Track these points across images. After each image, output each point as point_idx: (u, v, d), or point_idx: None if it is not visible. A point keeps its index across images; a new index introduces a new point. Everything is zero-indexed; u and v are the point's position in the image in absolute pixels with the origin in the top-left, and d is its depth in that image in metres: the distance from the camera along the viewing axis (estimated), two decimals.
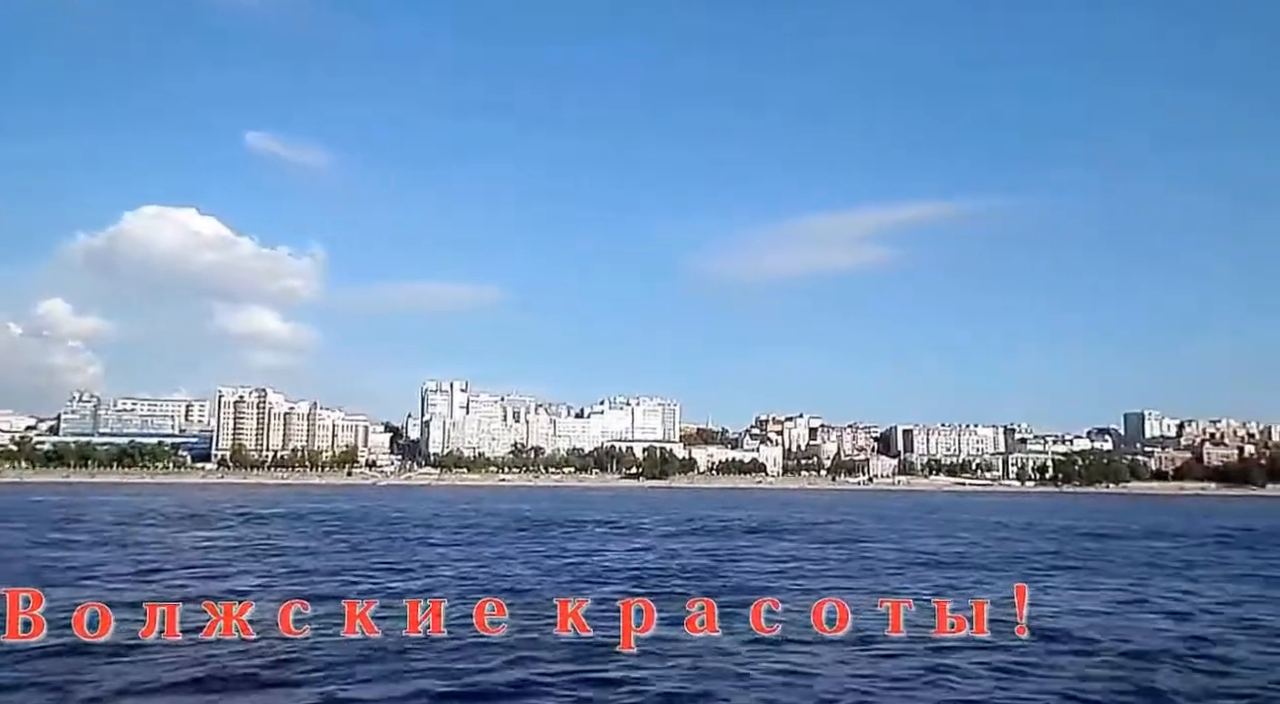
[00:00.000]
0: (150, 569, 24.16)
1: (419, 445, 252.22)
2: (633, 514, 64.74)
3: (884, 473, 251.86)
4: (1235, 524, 61.95)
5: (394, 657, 12.87)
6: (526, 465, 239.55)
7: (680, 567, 26.82)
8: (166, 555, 28.99)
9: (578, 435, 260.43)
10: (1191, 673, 12.83)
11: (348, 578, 22.71)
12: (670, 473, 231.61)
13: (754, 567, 27.21)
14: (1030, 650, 14.08)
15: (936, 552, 34.34)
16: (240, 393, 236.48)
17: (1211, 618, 18.31)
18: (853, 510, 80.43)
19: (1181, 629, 16.67)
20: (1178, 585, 23.84)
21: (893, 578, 24.48)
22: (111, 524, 45.30)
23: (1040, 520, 64.85)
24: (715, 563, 28.22)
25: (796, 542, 39.10)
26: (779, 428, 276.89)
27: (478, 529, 45.12)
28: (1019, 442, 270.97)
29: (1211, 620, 17.94)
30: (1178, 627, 17.02)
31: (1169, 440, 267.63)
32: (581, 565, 26.83)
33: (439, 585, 21.26)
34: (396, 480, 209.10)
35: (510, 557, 29.58)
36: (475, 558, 28.97)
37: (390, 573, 23.96)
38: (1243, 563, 31.92)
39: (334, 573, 23.89)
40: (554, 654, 13.18)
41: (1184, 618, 18.19)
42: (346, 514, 58.89)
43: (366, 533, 40.99)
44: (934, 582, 23.51)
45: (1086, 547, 39.07)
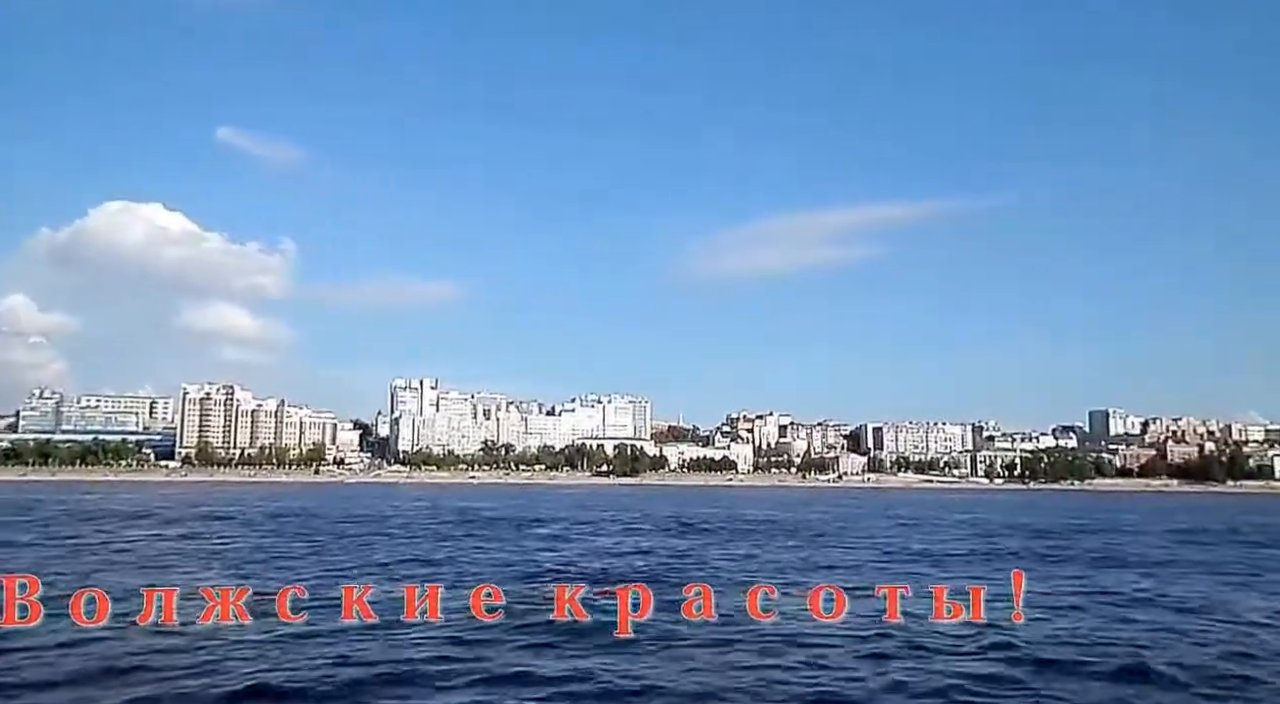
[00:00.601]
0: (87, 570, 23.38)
1: (388, 443, 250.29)
2: (594, 512, 64.78)
3: (853, 470, 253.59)
4: (1188, 524, 62.50)
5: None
6: (497, 463, 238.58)
7: (630, 564, 26.73)
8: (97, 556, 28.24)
9: (549, 433, 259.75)
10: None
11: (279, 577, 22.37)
12: (641, 470, 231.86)
13: (706, 567, 26.94)
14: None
15: (896, 549, 34.46)
16: (206, 390, 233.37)
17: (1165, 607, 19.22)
18: (818, 507, 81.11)
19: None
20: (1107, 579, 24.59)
21: (848, 574, 24.65)
22: (54, 522, 44.54)
23: (998, 517, 65.85)
24: (669, 562, 28.02)
25: (754, 540, 39.04)
26: (750, 426, 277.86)
27: (430, 527, 44.79)
28: (986, 439, 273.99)
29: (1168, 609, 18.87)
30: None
31: (1133, 438, 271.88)
32: (521, 564, 26.56)
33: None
34: (365, 478, 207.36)
35: (448, 556, 29.07)
36: (415, 557, 28.61)
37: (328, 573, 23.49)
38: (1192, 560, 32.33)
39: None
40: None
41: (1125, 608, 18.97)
42: (305, 512, 58.29)
43: (321, 531, 40.51)
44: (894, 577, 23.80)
45: (1037, 542, 39.66)
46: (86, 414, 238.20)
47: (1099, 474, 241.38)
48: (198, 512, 56.34)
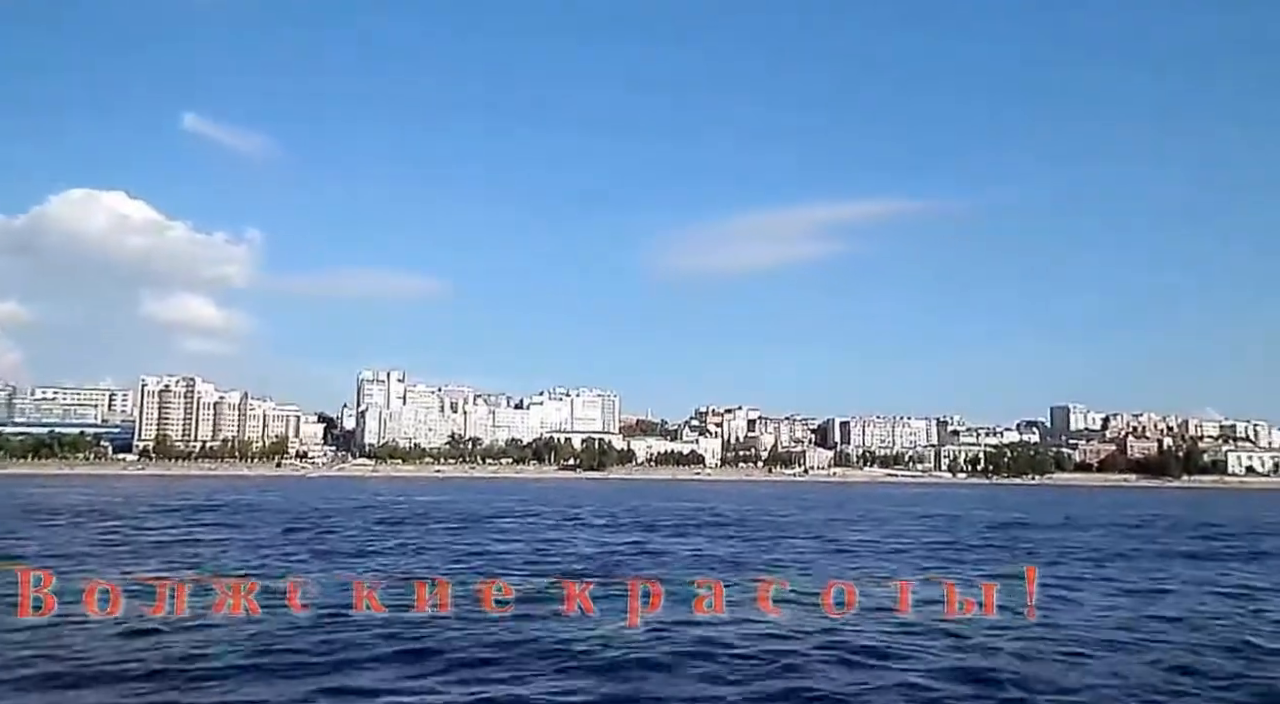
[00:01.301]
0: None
1: (354, 436, 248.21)
2: (554, 505, 64.82)
3: (820, 464, 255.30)
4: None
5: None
6: (463, 456, 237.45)
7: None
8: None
9: (516, 426, 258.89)
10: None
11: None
12: (608, 464, 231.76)
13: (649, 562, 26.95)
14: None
15: (848, 545, 34.57)
16: (166, 382, 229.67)
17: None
18: (779, 501, 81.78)
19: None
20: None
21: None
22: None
23: (957, 511, 66.66)
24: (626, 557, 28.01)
25: (706, 536, 39.12)
26: (718, 420, 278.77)
27: (378, 521, 44.37)
28: (951, 434, 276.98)
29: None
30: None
31: (1094, 433, 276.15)
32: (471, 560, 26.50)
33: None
34: (329, 472, 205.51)
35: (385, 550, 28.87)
36: (349, 553, 28.32)
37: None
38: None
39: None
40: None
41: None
42: (256, 506, 57.56)
43: (269, 526, 40.01)
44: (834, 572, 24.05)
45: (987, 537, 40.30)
46: (42, 406, 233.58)
47: (1059, 469, 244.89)
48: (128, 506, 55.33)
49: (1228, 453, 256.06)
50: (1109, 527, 49.18)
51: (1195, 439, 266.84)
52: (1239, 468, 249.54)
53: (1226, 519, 59.41)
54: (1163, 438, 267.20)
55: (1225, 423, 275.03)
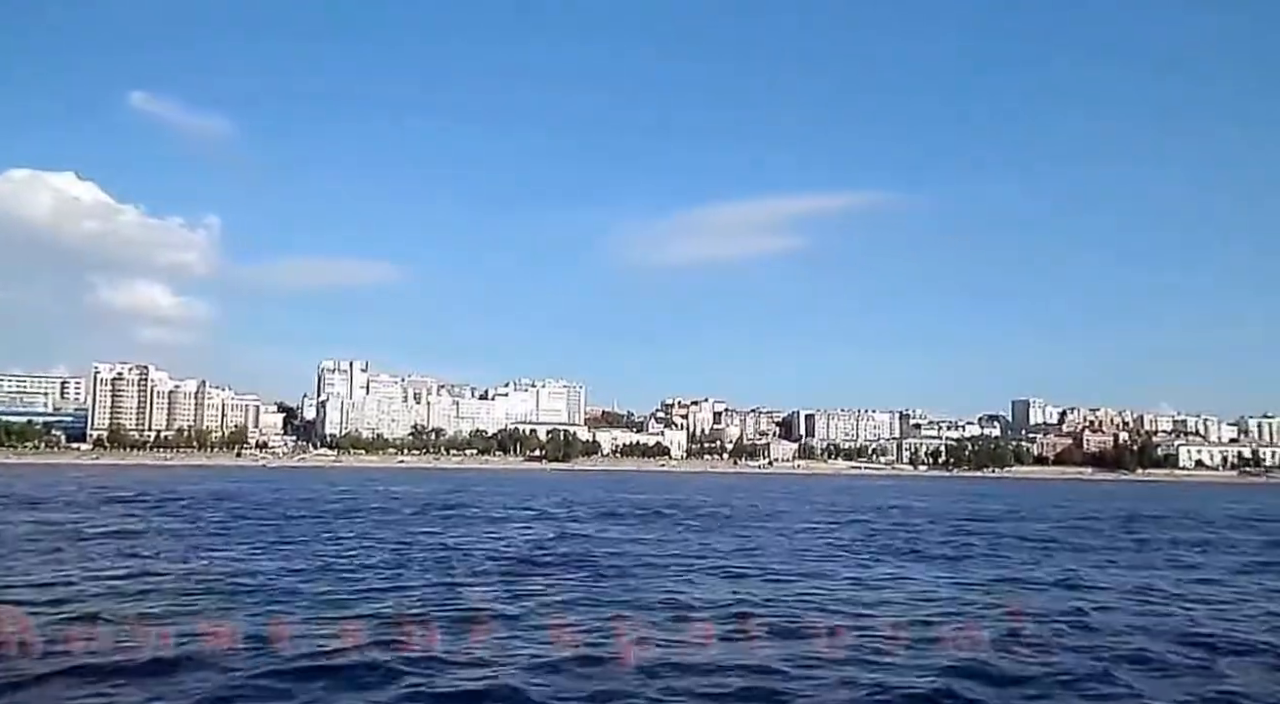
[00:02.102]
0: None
1: (315, 426, 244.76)
2: (509, 496, 64.02)
3: (785, 457, 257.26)
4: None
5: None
6: (427, 447, 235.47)
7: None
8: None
9: (481, 417, 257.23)
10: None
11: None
12: (573, 455, 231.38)
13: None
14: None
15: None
16: (119, 369, 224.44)
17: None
18: (741, 492, 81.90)
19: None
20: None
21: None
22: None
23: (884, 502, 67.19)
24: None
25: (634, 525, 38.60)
26: (684, 412, 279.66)
27: (323, 513, 42.99)
28: (914, 427, 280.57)
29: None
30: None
31: (1052, 427, 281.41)
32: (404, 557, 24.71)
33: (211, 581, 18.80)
34: (289, 462, 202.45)
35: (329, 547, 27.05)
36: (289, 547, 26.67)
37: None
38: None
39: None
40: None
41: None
42: (208, 496, 55.90)
43: (214, 517, 38.40)
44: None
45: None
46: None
47: (1018, 462, 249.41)
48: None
49: (1179, 447, 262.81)
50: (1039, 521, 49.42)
51: (1149, 433, 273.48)
52: (1189, 461, 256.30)
53: (1169, 512, 60.56)
54: (1118, 432, 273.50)
55: (1178, 418, 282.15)
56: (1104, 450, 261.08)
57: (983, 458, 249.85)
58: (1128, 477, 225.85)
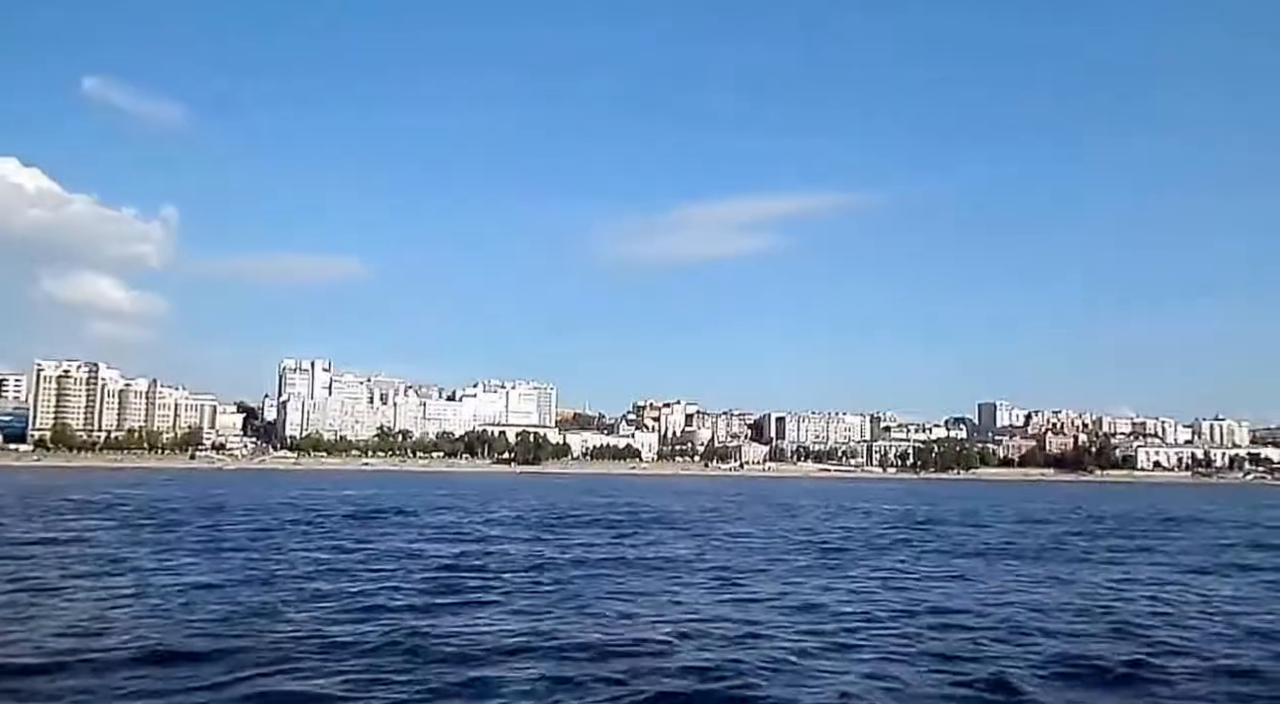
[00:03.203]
0: None
1: (275, 428, 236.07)
2: (467, 500, 59.88)
3: (756, 459, 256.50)
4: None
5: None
6: (393, 449, 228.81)
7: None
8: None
9: (448, 419, 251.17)
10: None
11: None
12: (543, 458, 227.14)
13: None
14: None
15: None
16: (65, 367, 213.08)
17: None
18: (705, 496, 78.93)
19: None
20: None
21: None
22: None
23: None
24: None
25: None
26: (656, 414, 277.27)
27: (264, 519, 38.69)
28: (883, 430, 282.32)
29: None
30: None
31: (1017, 429, 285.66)
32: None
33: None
34: (248, 464, 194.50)
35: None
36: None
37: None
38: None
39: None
40: None
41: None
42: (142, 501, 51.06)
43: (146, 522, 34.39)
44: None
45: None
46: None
47: (984, 464, 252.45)
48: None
49: (1138, 448, 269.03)
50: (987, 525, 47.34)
51: (1109, 435, 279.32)
52: (1147, 463, 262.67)
53: (1113, 512, 59.87)
54: (1079, 434, 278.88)
55: (1136, 420, 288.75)
56: (1065, 452, 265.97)
57: (949, 460, 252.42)
58: (1087, 478, 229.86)
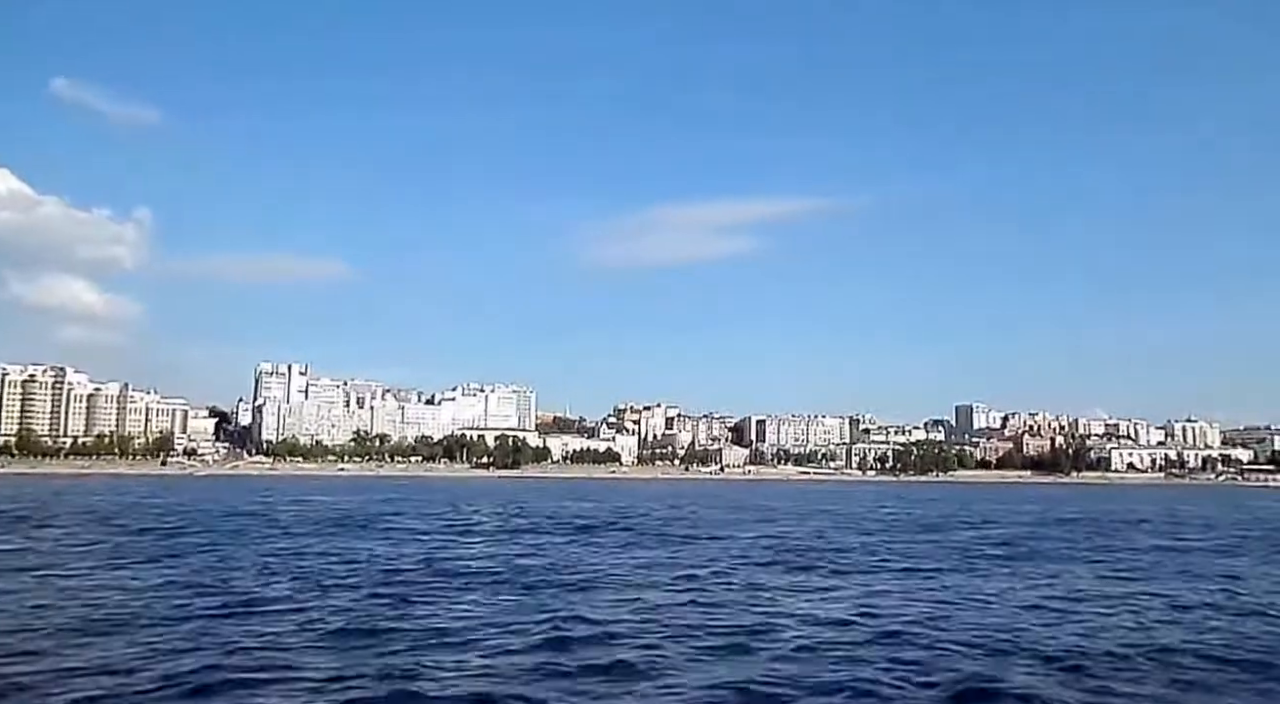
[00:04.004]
0: None
1: (250, 433, 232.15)
2: (436, 506, 58.19)
3: (736, 462, 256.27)
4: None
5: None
6: (370, 454, 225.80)
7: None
8: None
9: (427, 423, 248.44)
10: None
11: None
12: (523, 462, 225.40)
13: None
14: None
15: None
16: (31, 371, 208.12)
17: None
18: (680, 500, 77.93)
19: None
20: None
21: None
22: None
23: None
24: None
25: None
26: (636, 417, 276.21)
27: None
28: (863, 432, 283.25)
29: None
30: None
31: (994, 431, 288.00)
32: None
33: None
34: (221, 470, 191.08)
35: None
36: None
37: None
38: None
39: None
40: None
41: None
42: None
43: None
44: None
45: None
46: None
47: (962, 466, 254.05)
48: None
49: (1112, 450, 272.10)
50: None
51: (1084, 437, 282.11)
52: (1121, 464, 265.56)
53: (1079, 513, 60.24)
54: (1055, 436, 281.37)
55: (1110, 422, 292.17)
56: (1041, 454, 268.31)
57: (928, 462, 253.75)
58: (1063, 479, 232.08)
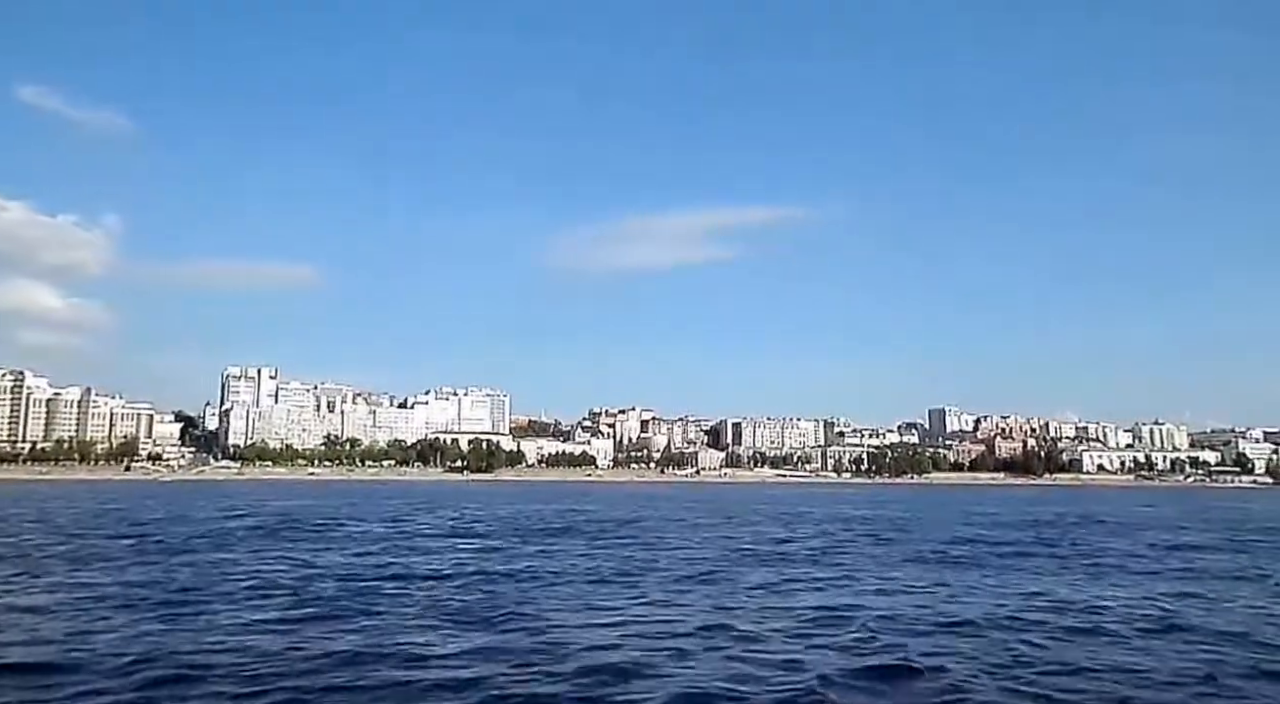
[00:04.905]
0: None
1: (217, 437, 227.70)
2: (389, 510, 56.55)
3: (712, 465, 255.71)
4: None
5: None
6: (340, 458, 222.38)
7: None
8: None
9: (400, 427, 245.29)
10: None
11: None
12: (497, 465, 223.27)
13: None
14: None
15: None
16: None
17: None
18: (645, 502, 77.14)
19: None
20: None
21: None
22: None
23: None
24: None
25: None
26: (611, 421, 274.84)
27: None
28: (838, 435, 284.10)
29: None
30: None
31: (967, 434, 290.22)
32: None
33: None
34: (187, 475, 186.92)
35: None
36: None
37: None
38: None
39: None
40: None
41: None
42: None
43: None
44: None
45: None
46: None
47: (935, 468, 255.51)
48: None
49: (1083, 452, 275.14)
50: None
51: (1055, 440, 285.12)
52: (1092, 466, 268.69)
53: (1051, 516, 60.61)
54: (1027, 438, 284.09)
55: (1080, 424, 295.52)
56: (1013, 456, 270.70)
57: (902, 465, 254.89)
58: (1035, 481, 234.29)
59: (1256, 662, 12.34)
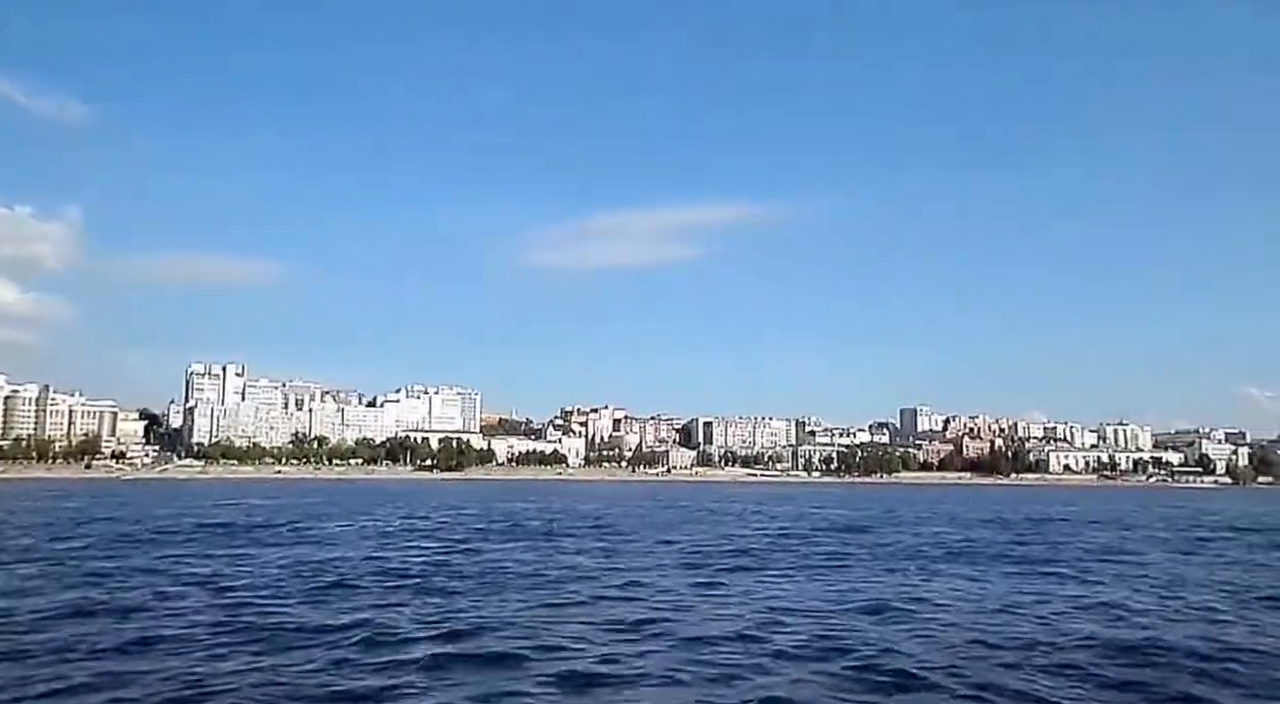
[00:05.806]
0: None
1: (181, 435, 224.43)
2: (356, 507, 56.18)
3: (683, 464, 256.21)
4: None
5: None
6: (309, 457, 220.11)
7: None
8: None
9: (369, 425, 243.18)
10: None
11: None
12: (467, 464, 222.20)
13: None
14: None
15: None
16: None
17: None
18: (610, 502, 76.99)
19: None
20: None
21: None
22: None
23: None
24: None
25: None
26: (583, 419, 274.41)
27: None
28: (809, 434, 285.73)
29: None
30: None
31: (937, 434, 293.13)
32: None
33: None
34: (150, 474, 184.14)
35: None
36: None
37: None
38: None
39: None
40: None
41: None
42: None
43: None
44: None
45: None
46: None
47: (905, 468, 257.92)
48: None
49: (1049, 452, 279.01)
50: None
51: (1022, 440, 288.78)
52: (1058, 466, 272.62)
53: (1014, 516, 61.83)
54: (995, 438, 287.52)
55: (1048, 425, 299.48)
56: (981, 456, 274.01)
57: (873, 464, 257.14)
58: (1003, 481, 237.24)
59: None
